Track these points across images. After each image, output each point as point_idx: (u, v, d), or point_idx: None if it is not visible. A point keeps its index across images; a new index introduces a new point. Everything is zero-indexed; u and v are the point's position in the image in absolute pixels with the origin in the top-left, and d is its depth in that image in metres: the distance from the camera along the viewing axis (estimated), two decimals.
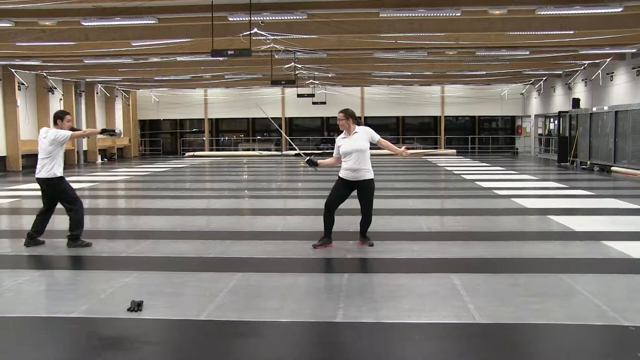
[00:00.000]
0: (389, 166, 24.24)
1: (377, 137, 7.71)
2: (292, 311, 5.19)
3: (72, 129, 8.02)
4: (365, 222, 7.81)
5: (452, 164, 25.05)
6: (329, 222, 7.70)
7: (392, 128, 36.61)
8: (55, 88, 26.49)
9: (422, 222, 9.82)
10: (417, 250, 7.59)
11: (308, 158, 7.97)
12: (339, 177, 7.67)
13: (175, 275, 6.42)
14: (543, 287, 5.83)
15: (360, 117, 34.49)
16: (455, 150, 33.41)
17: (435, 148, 34.59)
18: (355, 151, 7.49)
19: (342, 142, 7.63)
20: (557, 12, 13.11)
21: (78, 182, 17.45)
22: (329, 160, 7.98)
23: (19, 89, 23.88)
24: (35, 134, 25.47)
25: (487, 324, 4.80)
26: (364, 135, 7.60)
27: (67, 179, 7.97)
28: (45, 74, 25.21)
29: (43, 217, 7.91)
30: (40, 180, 7.78)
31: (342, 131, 7.81)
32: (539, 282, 6.00)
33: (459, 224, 9.73)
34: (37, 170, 7.79)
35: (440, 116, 35.04)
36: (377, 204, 12.29)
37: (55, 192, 7.80)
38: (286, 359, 4.27)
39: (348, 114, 7.69)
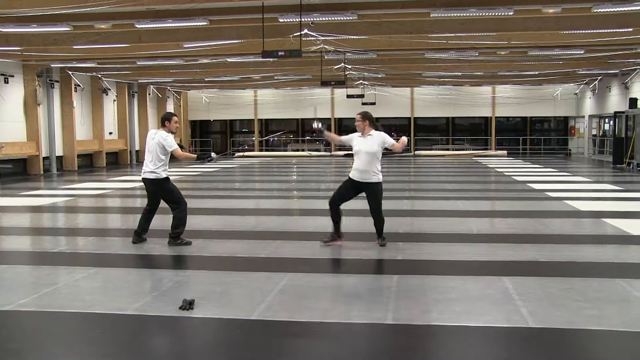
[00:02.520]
0: (438, 168, 24.01)
1: (390, 142, 7.75)
2: (342, 312, 5.19)
3: (181, 146, 8.28)
4: (378, 224, 7.87)
5: (502, 165, 24.62)
6: (336, 217, 7.87)
7: (442, 129, 36.20)
8: (110, 89, 27.16)
9: (473, 224, 9.67)
10: (468, 253, 7.48)
11: (320, 125, 8.14)
12: (349, 177, 7.82)
13: (226, 275, 6.49)
14: (598, 292, 5.67)
15: (409, 118, 34.35)
16: (506, 152, 32.80)
17: (486, 149, 34.04)
18: (366, 153, 7.62)
19: (357, 140, 7.78)
20: (615, 9, 12.72)
21: (130, 182, 17.85)
22: (336, 137, 8.17)
23: (75, 91, 24.58)
24: (89, 134, 26.20)
25: (540, 328, 4.69)
26: (377, 140, 7.70)
27: (119, 178, 8.16)
28: (99, 76, 25.87)
29: (147, 215, 8.18)
30: (145, 181, 8.07)
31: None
32: (594, 287, 5.83)
33: (510, 226, 9.55)
34: (142, 170, 8.09)
35: (491, 117, 34.46)
36: (427, 205, 12.25)
37: (160, 192, 8.07)
38: None
39: (365, 116, 7.84)
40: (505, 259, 7.17)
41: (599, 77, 28.46)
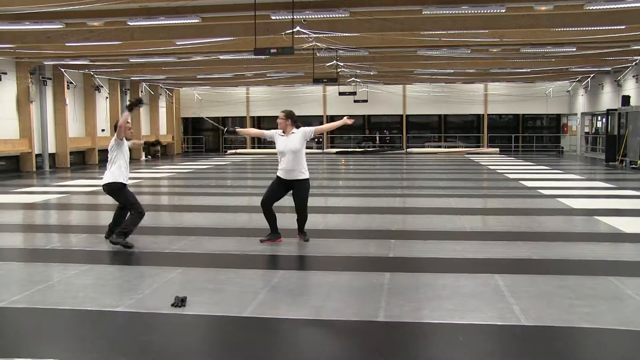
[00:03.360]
0: (431, 165, 24.05)
1: (311, 129, 7.91)
2: (334, 309, 5.19)
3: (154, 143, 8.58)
4: (301, 220, 8.00)
5: (495, 162, 24.68)
6: (270, 218, 7.93)
7: (434, 126, 36.27)
8: (102, 87, 27.05)
9: (465, 221, 9.69)
10: (460, 250, 7.49)
11: (226, 129, 8.20)
12: (277, 176, 7.89)
13: (218, 272, 6.49)
14: (591, 289, 5.69)
15: (402, 115, 34.36)
16: (498, 149, 32.91)
17: (478, 147, 34.13)
18: (289, 151, 7.68)
19: (279, 139, 7.82)
20: (608, 7, 12.75)
21: None
22: (251, 130, 7.99)
23: (68, 88, 24.47)
24: (82, 131, 26.10)
25: (532, 326, 4.70)
26: (299, 137, 7.77)
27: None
28: (92, 73, 25.77)
29: (121, 212, 7.99)
30: (103, 186, 7.86)
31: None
32: (586, 285, 5.85)
33: (503, 224, 9.57)
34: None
35: (483, 114, 34.55)
36: (419, 202, 12.26)
37: (115, 196, 7.86)
38: (328, 357, 4.27)
39: (288, 115, 7.86)
40: (497, 256, 7.19)
41: (592, 75, 28.57)
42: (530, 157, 28.88)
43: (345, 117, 8.09)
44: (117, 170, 7.74)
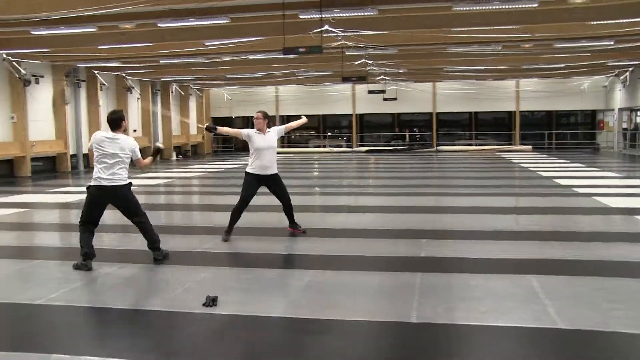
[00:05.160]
0: (462, 163, 23.80)
1: (282, 128, 8.58)
2: (366, 310, 5.13)
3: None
4: (289, 209, 8.39)
5: (527, 160, 24.30)
6: (239, 217, 8.18)
7: (465, 124, 35.84)
8: (133, 88, 27.38)
9: (497, 221, 9.53)
10: (493, 250, 7.36)
11: (207, 125, 8.67)
12: (250, 174, 8.16)
13: (249, 272, 6.48)
14: (632, 292, 5.52)
15: (432, 113, 34.10)
16: (531, 147, 32.37)
17: (510, 144, 33.63)
18: (270, 148, 8.15)
19: (257, 138, 8.13)
20: None
21: (154, 179, 17.95)
22: (230, 130, 8.50)
23: (101, 90, 24.85)
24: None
25: (569, 329, 4.57)
26: (275, 135, 8.29)
27: (143, 175, 7.89)
28: (124, 75, 26.11)
29: (90, 234, 7.03)
30: (106, 188, 6.99)
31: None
32: (626, 287, 5.68)
33: (536, 223, 9.38)
34: (101, 177, 6.97)
35: (515, 111, 34.02)
36: (451, 202, 12.11)
37: (126, 200, 7.13)
38: (359, 359, 4.23)
39: (266, 115, 8.26)
40: (531, 256, 7.04)
41: (631, 69, 27.77)
42: (565, 154, 28.36)
43: (302, 117, 8.87)
44: (126, 172, 7.09)
